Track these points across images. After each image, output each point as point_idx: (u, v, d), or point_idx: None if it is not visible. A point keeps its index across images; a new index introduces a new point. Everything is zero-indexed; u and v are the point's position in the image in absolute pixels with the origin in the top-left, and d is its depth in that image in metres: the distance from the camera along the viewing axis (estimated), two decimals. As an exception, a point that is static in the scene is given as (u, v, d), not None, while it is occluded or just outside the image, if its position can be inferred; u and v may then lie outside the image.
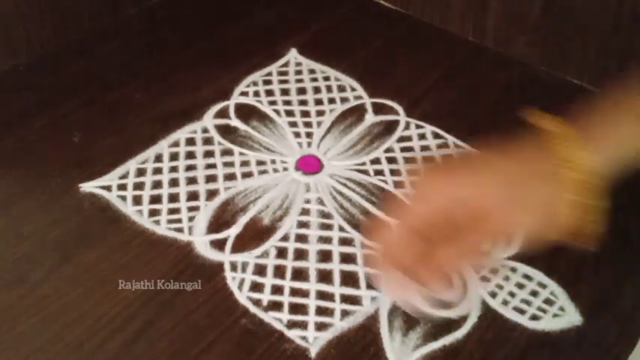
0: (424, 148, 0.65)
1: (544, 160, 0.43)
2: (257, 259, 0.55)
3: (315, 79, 0.73)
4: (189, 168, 0.63)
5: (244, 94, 0.71)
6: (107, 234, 0.56)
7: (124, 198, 0.60)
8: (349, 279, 0.54)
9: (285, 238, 0.57)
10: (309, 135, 0.66)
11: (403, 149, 0.65)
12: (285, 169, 0.63)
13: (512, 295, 0.53)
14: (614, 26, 0.68)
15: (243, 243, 0.56)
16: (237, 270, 0.54)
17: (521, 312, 0.52)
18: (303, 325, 0.51)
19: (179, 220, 0.58)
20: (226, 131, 0.66)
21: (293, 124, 0.67)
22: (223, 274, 0.54)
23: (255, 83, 0.72)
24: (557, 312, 0.52)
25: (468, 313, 0.52)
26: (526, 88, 0.73)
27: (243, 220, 0.58)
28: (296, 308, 0.52)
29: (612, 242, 0.57)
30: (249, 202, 0.60)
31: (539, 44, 0.74)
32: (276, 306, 0.52)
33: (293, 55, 0.76)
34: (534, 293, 0.53)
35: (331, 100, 0.70)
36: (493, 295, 0.53)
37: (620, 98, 0.46)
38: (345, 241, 0.57)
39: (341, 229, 0.57)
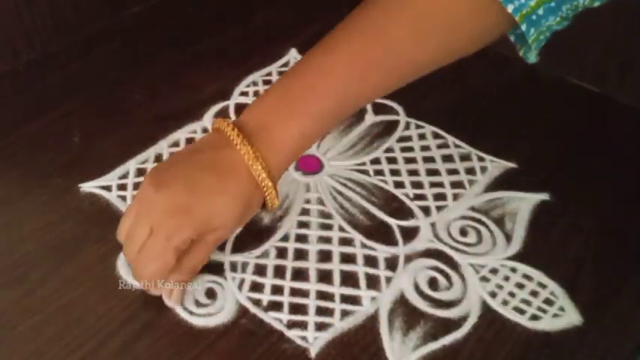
0: (424, 148, 0.65)
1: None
2: (257, 259, 0.55)
3: (315, 79, 0.73)
4: (189, 168, 0.63)
5: (244, 94, 0.71)
6: (107, 234, 0.56)
7: (124, 198, 0.60)
8: (349, 279, 0.54)
9: (285, 238, 0.57)
10: (309, 135, 0.66)
11: (403, 149, 0.65)
12: (285, 169, 0.63)
13: (512, 295, 0.53)
14: (614, 26, 0.68)
15: (243, 243, 0.56)
16: (237, 270, 0.54)
17: (521, 312, 0.52)
18: (303, 325, 0.51)
19: (179, 220, 0.58)
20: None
21: (293, 124, 0.67)
22: (223, 274, 0.54)
23: (255, 83, 0.72)
24: (557, 312, 0.52)
25: (468, 313, 0.52)
26: (526, 88, 0.73)
27: (243, 220, 0.58)
28: (296, 308, 0.52)
29: (612, 242, 0.57)
30: (249, 202, 0.60)
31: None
32: (276, 306, 0.52)
33: (293, 55, 0.76)
34: (534, 293, 0.53)
35: (331, 100, 0.70)
36: (493, 295, 0.53)
37: None
38: (345, 241, 0.57)
39: (341, 229, 0.57)
